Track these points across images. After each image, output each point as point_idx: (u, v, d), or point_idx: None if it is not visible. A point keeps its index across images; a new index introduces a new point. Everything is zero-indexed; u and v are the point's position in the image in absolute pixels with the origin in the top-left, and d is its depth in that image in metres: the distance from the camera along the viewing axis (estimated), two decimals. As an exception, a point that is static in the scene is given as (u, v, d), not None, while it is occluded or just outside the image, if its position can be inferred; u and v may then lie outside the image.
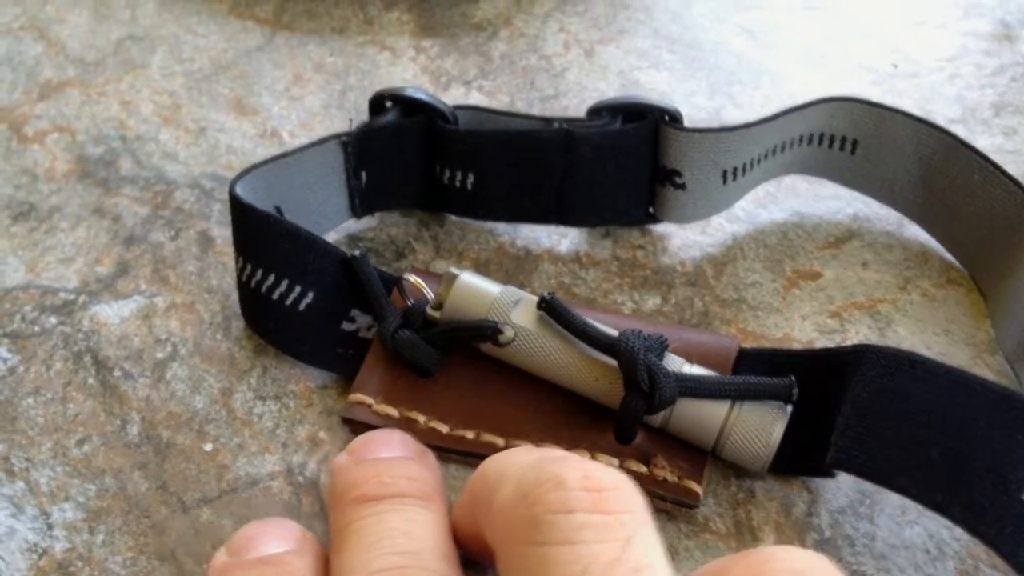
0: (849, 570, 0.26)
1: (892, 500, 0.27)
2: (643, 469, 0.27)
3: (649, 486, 0.27)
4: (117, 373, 0.31)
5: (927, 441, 0.24)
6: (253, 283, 0.30)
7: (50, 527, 0.27)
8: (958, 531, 0.27)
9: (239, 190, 0.30)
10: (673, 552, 0.27)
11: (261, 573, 0.22)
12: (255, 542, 0.22)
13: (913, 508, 0.27)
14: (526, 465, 0.20)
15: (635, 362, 0.26)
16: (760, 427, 0.26)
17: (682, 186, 0.33)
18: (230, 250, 0.34)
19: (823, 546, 0.27)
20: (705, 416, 0.27)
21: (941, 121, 0.38)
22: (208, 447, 0.29)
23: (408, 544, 0.21)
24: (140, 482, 0.28)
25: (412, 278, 0.31)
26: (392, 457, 0.25)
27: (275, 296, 0.30)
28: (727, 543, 0.27)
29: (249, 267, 0.30)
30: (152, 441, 0.29)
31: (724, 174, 0.33)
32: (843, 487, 0.28)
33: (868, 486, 0.28)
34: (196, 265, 0.34)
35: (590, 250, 0.35)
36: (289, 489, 0.28)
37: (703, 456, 0.28)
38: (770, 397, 0.27)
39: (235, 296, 0.32)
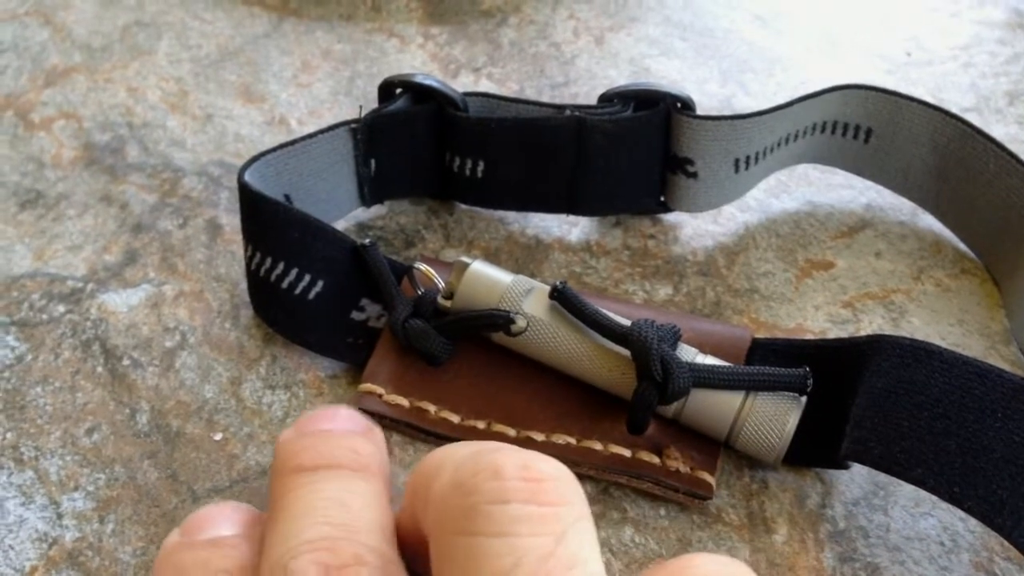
0: (863, 562, 0.26)
1: (906, 492, 0.27)
2: (656, 460, 0.27)
3: (662, 477, 0.27)
4: (126, 362, 0.31)
5: (944, 432, 0.24)
6: (262, 272, 0.30)
7: (60, 516, 0.27)
8: (973, 523, 0.27)
9: (248, 178, 0.30)
10: (686, 543, 0.26)
11: (208, 555, 0.21)
12: (207, 524, 0.22)
13: (927, 500, 0.27)
14: (464, 455, 0.19)
15: (648, 352, 0.26)
16: (774, 418, 0.26)
17: (694, 175, 0.33)
18: (238, 238, 0.34)
19: (837, 537, 0.26)
20: (719, 406, 0.27)
21: (954, 110, 0.37)
22: (218, 436, 0.29)
23: (341, 515, 0.20)
24: (150, 471, 0.28)
25: (423, 267, 0.30)
26: (333, 429, 0.24)
27: (284, 285, 0.30)
28: (740, 534, 0.27)
29: (258, 255, 0.30)
30: (161, 430, 0.29)
31: (736, 162, 0.33)
32: (857, 479, 0.28)
33: (882, 477, 0.27)
34: (204, 253, 0.34)
35: (601, 239, 0.34)
36: (299, 479, 0.28)
37: (716, 447, 0.27)
38: (784, 388, 0.26)
39: (244, 284, 0.32)
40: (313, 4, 0.45)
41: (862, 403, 0.25)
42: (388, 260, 0.31)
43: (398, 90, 0.33)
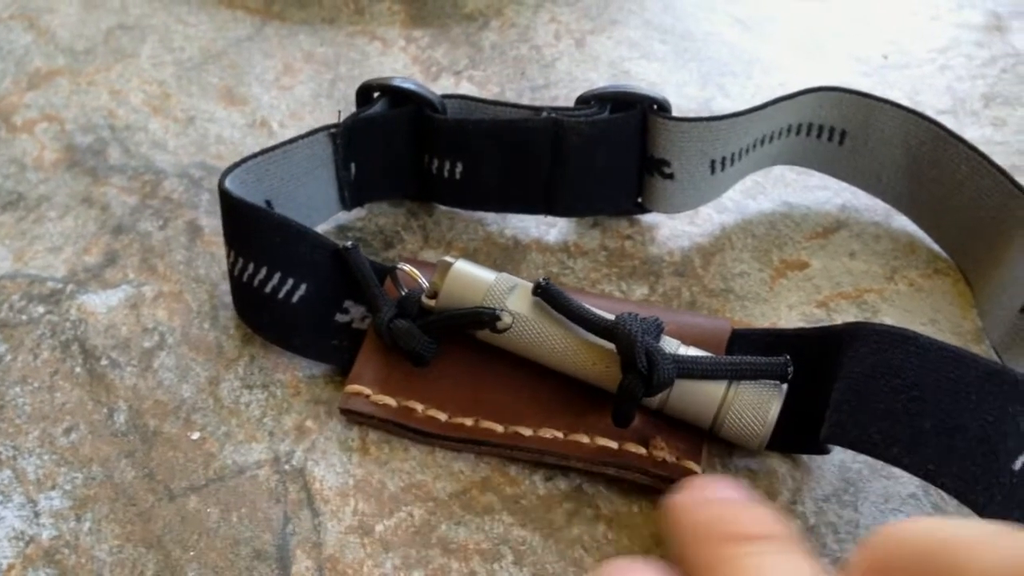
0: (833, 557, 0.26)
1: (876, 488, 0.28)
2: (642, 451, 0.27)
3: (649, 467, 0.27)
4: (104, 362, 0.31)
5: (920, 413, 0.24)
6: (245, 277, 0.30)
7: (37, 515, 0.27)
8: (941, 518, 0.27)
9: (229, 184, 0.30)
10: (658, 539, 0.27)
11: None
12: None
13: (897, 496, 0.27)
14: (1013, 551, 0.17)
15: (633, 344, 0.26)
16: (757, 406, 0.27)
17: (670, 176, 0.33)
18: (218, 240, 0.34)
19: (807, 534, 0.27)
20: (702, 396, 0.27)
21: (931, 112, 0.38)
22: (195, 436, 0.29)
23: None
24: (127, 470, 0.28)
25: (406, 267, 0.31)
26: (744, 499, 0.24)
27: (268, 289, 0.30)
28: (713, 531, 0.27)
29: (241, 261, 0.30)
30: (139, 430, 0.29)
31: (712, 164, 0.33)
32: (827, 475, 0.28)
33: (852, 474, 0.28)
34: (184, 255, 0.34)
35: (578, 240, 0.35)
36: (276, 478, 0.28)
37: (701, 436, 0.28)
38: (766, 376, 0.27)
39: (223, 286, 0.32)
40: (296, 7, 0.45)
41: (841, 387, 0.26)
42: (370, 262, 0.31)
43: (376, 94, 0.34)
